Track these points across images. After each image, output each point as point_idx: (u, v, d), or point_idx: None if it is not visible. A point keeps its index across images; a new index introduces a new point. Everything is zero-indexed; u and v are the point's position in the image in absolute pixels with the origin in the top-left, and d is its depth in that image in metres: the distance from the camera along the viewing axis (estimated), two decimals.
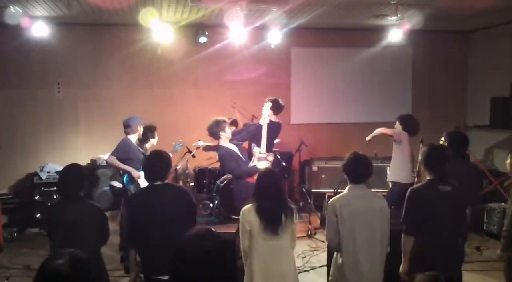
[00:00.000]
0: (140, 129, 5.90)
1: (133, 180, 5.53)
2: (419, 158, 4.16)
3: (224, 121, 5.55)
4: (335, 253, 3.55)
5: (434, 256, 3.40)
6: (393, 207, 4.48)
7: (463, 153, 4.40)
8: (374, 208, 3.42)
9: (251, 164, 5.48)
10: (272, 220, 3.42)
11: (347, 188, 3.51)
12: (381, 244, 3.41)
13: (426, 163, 3.60)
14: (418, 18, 7.02)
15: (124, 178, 5.58)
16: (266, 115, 5.75)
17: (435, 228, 3.44)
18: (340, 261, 3.45)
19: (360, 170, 3.48)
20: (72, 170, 3.62)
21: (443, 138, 4.52)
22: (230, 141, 5.58)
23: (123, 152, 5.61)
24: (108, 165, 5.96)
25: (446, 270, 2.61)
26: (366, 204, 3.41)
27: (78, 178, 3.58)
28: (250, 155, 5.70)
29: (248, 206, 3.52)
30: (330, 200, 3.50)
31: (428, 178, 3.59)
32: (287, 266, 3.52)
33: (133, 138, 5.83)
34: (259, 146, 5.64)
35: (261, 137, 5.68)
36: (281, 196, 3.55)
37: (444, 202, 3.44)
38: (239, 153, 5.48)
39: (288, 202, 3.58)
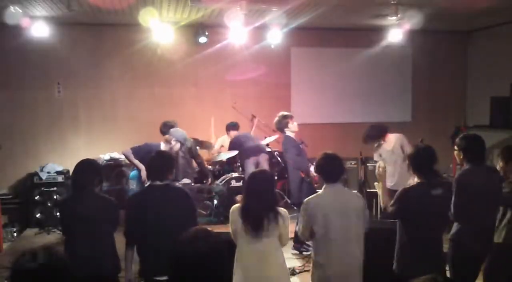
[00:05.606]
0: (175, 144, 5.69)
1: (140, 179, 5.65)
2: None
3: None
4: (312, 253, 3.56)
5: (421, 256, 3.39)
6: None
7: (479, 159, 3.80)
8: (349, 207, 3.42)
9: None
10: (254, 223, 3.31)
11: (323, 187, 3.52)
12: (358, 242, 3.42)
13: (415, 165, 3.53)
14: (418, 18, 7.02)
15: (132, 174, 5.87)
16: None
17: (423, 229, 3.43)
18: (315, 259, 3.48)
19: (332, 169, 3.49)
20: (86, 164, 3.65)
21: (456, 147, 3.91)
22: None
23: (137, 151, 5.73)
24: (124, 155, 6.05)
25: (432, 270, 2.59)
26: (341, 203, 3.41)
27: (92, 171, 3.61)
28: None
29: (237, 205, 3.46)
30: (305, 199, 3.51)
31: (417, 180, 3.53)
32: (272, 272, 3.37)
33: (162, 145, 5.77)
34: None
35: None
36: (268, 198, 3.41)
37: (435, 205, 3.41)
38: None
39: (275, 206, 3.43)
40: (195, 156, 6.48)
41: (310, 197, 3.52)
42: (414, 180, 3.62)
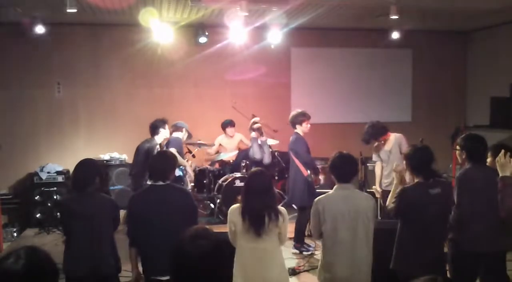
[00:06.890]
0: (185, 133, 6.49)
1: (185, 173, 6.38)
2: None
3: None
4: (320, 254, 3.58)
5: (421, 256, 3.40)
6: None
7: (482, 159, 3.79)
8: (358, 208, 3.42)
9: None
10: (255, 222, 3.30)
11: (334, 187, 3.54)
12: (366, 243, 3.42)
13: (412, 165, 3.55)
14: (418, 18, 7.03)
15: (180, 170, 6.23)
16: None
17: (422, 228, 3.43)
18: (323, 259, 3.49)
19: (346, 169, 3.51)
20: (86, 164, 3.68)
21: (458, 147, 3.87)
22: None
23: (179, 147, 6.09)
24: None
25: (431, 271, 2.59)
26: (349, 204, 3.41)
27: (92, 171, 3.64)
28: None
29: (236, 205, 3.46)
30: (315, 199, 3.53)
31: (416, 180, 3.54)
32: (272, 272, 3.37)
33: (180, 134, 6.41)
34: None
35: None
36: (268, 198, 3.41)
37: (433, 205, 3.42)
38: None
39: (275, 205, 3.44)
40: None
41: (320, 196, 3.53)
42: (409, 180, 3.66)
